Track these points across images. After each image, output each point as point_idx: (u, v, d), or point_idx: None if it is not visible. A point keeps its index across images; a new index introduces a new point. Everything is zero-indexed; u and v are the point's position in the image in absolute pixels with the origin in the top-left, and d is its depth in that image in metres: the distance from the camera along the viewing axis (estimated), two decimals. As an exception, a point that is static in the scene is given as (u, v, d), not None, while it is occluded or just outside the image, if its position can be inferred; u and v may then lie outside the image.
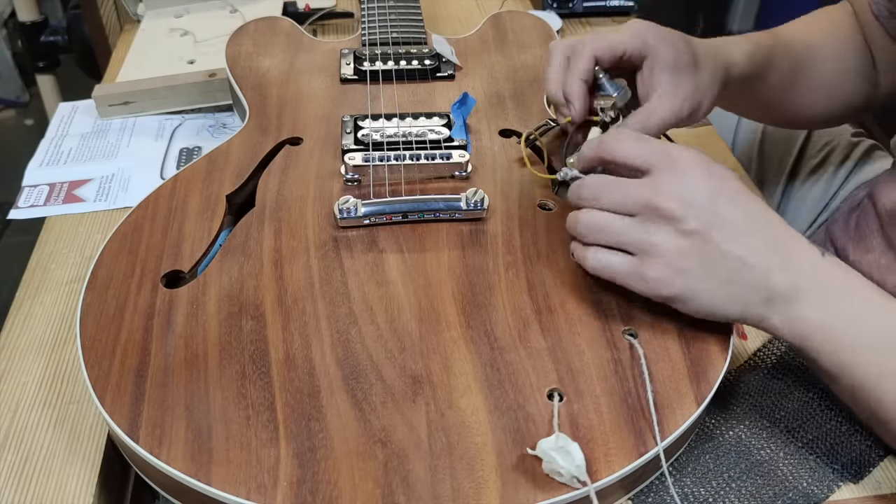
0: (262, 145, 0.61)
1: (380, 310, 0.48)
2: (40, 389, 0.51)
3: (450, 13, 0.96)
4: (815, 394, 0.51)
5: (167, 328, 0.47)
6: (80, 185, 0.68)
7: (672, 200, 0.44)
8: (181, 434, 0.42)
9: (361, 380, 0.44)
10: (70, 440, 0.48)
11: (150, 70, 0.78)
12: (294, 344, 0.46)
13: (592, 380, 0.45)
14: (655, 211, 0.44)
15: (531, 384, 0.45)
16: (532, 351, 0.46)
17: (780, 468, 0.47)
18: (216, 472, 0.40)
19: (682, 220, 0.44)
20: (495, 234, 0.54)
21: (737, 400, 0.51)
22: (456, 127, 0.60)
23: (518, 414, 0.43)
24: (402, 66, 0.70)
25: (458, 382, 0.45)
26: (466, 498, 0.40)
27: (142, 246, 0.52)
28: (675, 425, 0.43)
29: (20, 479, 0.46)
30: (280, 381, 0.44)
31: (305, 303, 0.48)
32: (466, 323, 0.48)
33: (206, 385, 0.44)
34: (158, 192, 0.57)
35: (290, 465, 0.40)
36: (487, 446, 0.42)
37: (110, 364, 0.45)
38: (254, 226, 0.54)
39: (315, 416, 0.43)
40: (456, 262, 0.52)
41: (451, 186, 0.58)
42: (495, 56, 0.74)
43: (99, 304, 0.48)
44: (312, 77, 0.70)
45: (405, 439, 0.42)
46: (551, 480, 0.40)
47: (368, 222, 0.54)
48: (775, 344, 0.54)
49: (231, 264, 0.51)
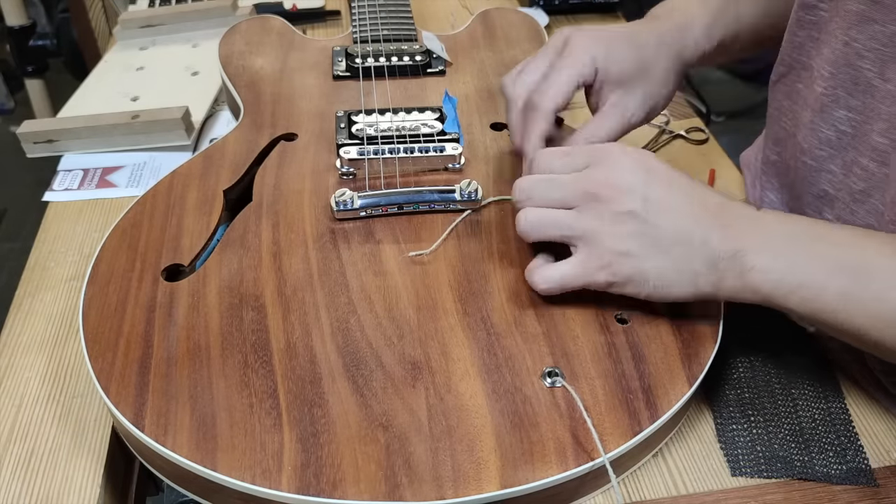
0: (257, 141, 0.62)
1: (378, 299, 0.49)
2: (44, 385, 0.52)
3: (437, 10, 0.97)
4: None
5: (169, 320, 0.48)
6: (113, 171, 0.70)
7: (605, 186, 0.46)
8: (186, 422, 0.42)
9: (362, 366, 0.45)
10: (75, 434, 0.49)
11: (91, 105, 0.77)
12: (295, 333, 0.47)
13: (587, 363, 0.46)
14: (592, 197, 0.46)
15: (527, 368, 0.46)
16: (528, 336, 0.47)
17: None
18: (221, 459, 0.41)
19: (617, 202, 0.45)
20: (489, 224, 0.55)
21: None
22: (448, 120, 0.61)
23: (515, 397, 0.44)
24: (394, 62, 0.71)
25: (456, 367, 0.46)
26: (467, 478, 0.41)
27: (141, 241, 0.53)
28: (667, 405, 0.45)
29: (27, 473, 0.47)
30: (282, 369, 0.45)
31: (305, 293, 0.49)
32: (463, 310, 0.49)
33: (209, 374, 0.45)
34: (156, 188, 0.58)
35: (294, 450, 0.41)
36: (486, 428, 0.43)
37: (114, 356, 0.46)
38: (252, 219, 0.55)
39: (317, 402, 0.44)
40: (451, 251, 0.53)
41: (444, 178, 0.59)
42: (485, 52, 0.75)
43: (101, 297, 0.49)
44: (305, 74, 0.71)
45: (406, 423, 0.43)
46: (549, 460, 0.42)
47: (365, 214, 0.55)
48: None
49: (230, 257, 0.52)
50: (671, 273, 0.45)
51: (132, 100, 0.78)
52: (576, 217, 0.46)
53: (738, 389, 0.51)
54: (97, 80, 0.82)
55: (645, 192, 0.45)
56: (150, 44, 0.88)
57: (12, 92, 1.77)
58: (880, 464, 0.48)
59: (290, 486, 0.40)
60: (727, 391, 0.51)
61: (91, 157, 0.72)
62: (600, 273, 0.46)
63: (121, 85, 0.80)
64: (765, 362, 0.53)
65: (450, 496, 0.40)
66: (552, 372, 0.45)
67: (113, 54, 0.87)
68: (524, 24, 0.79)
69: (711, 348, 0.48)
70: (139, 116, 0.71)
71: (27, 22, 1.43)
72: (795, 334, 0.55)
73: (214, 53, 0.74)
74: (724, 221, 0.45)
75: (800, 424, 0.49)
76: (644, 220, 0.45)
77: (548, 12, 0.96)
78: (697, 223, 0.45)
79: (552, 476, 0.41)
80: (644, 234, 0.45)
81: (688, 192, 0.46)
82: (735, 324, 0.55)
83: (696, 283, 0.45)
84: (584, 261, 0.47)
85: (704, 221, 0.45)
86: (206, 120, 0.75)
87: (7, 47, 1.50)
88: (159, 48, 0.88)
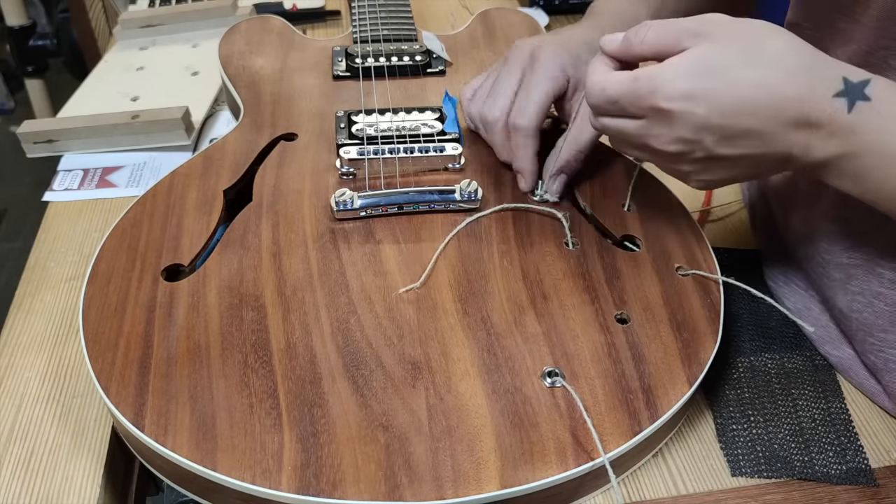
0: (257, 141, 0.62)
1: (378, 299, 0.49)
2: (44, 385, 0.52)
3: (437, 10, 0.97)
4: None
5: (169, 320, 0.48)
6: (113, 171, 0.70)
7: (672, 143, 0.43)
8: (186, 422, 0.42)
9: (362, 366, 0.45)
10: (75, 434, 0.49)
11: (91, 105, 0.77)
12: (295, 333, 0.47)
13: (587, 363, 0.46)
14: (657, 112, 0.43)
15: (527, 368, 0.46)
16: (528, 336, 0.47)
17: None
18: (221, 459, 0.41)
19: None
20: (489, 224, 0.55)
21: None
22: (448, 120, 0.61)
23: (515, 397, 0.44)
24: (394, 62, 0.71)
25: (456, 367, 0.46)
26: (467, 478, 0.41)
27: (141, 241, 0.53)
28: (667, 405, 0.45)
29: (27, 472, 0.47)
30: (282, 369, 0.45)
31: (305, 293, 0.49)
32: (463, 310, 0.49)
33: (209, 374, 0.45)
34: (156, 188, 0.58)
35: (294, 450, 0.41)
36: (486, 428, 0.43)
37: (114, 356, 0.46)
38: (252, 219, 0.55)
39: (317, 402, 0.44)
40: (451, 251, 0.53)
41: (444, 178, 0.59)
42: (485, 52, 0.75)
43: (101, 297, 0.49)
44: (305, 74, 0.71)
45: (406, 423, 0.43)
46: (549, 460, 0.42)
47: (365, 214, 0.55)
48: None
49: (230, 257, 0.52)
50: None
51: (132, 100, 0.78)
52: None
53: (738, 389, 0.51)
54: (97, 80, 0.82)
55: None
56: (150, 44, 0.88)
57: (12, 92, 1.77)
58: (880, 464, 0.48)
59: (290, 486, 0.40)
60: (727, 391, 0.51)
61: (91, 157, 0.72)
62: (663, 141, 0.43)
63: (121, 85, 0.80)
64: (765, 362, 0.53)
65: (450, 496, 0.40)
66: (552, 372, 0.45)
67: (113, 54, 0.87)
68: (524, 24, 0.79)
69: (711, 348, 0.48)
70: (139, 116, 0.71)
71: (27, 22, 1.43)
72: (795, 334, 0.55)
73: (214, 53, 0.74)
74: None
75: (800, 424, 0.49)
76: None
77: (548, 12, 0.96)
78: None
79: (552, 476, 0.41)
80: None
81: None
82: (735, 324, 0.55)
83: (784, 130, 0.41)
84: (648, 125, 0.43)
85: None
86: (206, 120, 0.75)
87: (7, 47, 1.50)
88: (159, 48, 0.88)
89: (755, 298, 0.53)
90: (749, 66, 0.40)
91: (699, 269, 0.52)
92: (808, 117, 0.40)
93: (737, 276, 0.52)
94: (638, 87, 0.42)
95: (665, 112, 0.42)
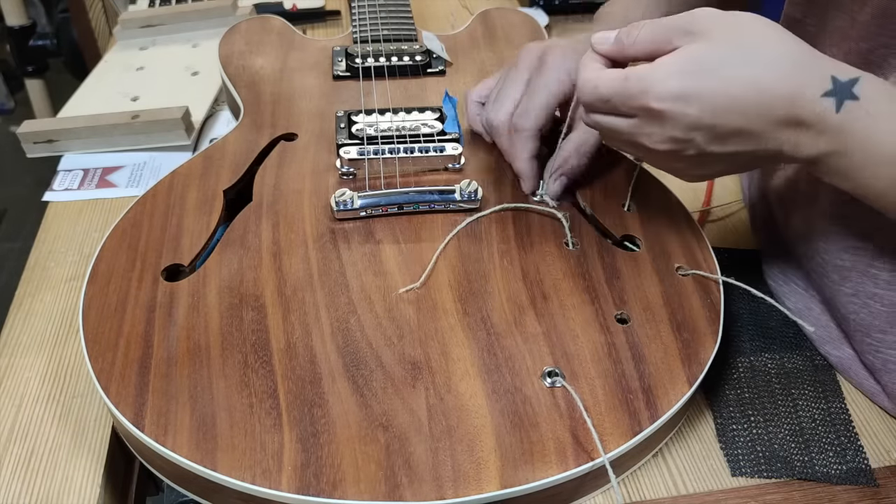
0: (257, 141, 0.62)
1: (378, 299, 0.49)
2: (44, 385, 0.52)
3: (437, 10, 0.97)
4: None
5: (169, 320, 0.48)
6: (113, 171, 0.70)
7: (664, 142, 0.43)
8: (186, 422, 0.42)
9: (362, 366, 0.45)
10: (75, 434, 0.49)
11: (91, 105, 0.77)
12: (295, 333, 0.47)
13: (587, 363, 0.46)
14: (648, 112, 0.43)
15: (527, 368, 0.46)
16: (528, 336, 0.47)
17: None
18: (221, 459, 0.41)
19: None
20: (489, 224, 0.55)
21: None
22: (448, 120, 0.61)
23: (515, 397, 0.44)
24: (394, 62, 0.71)
25: (456, 367, 0.46)
26: (467, 478, 0.41)
27: (141, 241, 0.53)
28: (667, 406, 0.45)
29: (27, 472, 0.47)
30: (282, 369, 0.45)
31: (305, 293, 0.49)
32: (463, 310, 0.49)
33: (209, 374, 0.45)
34: (156, 188, 0.58)
35: (294, 450, 0.41)
36: (486, 428, 0.43)
37: (114, 356, 0.46)
38: (252, 219, 0.55)
39: (317, 402, 0.44)
40: (451, 251, 0.53)
41: (444, 178, 0.59)
42: (485, 52, 0.75)
43: (101, 297, 0.49)
44: (305, 74, 0.71)
45: (406, 423, 0.43)
46: (549, 460, 0.42)
47: (365, 214, 0.55)
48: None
49: (230, 257, 0.52)
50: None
51: (132, 100, 0.78)
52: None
53: (738, 389, 0.51)
54: (97, 80, 0.82)
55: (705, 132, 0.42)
56: (150, 44, 0.88)
57: (12, 92, 1.77)
58: (880, 464, 0.48)
59: (290, 486, 0.40)
60: (727, 391, 0.51)
61: (91, 157, 0.72)
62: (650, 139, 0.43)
63: (121, 85, 0.80)
64: (765, 362, 0.53)
65: (450, 496, 0.40)
66: (552, 372, 0.45)
67: (113, 54, 0.87)
68: (524, 24, 0.79)
69: (711, 348, 0.48)
70: (139, 116, 0.71)
71: (27, 22, 1.43)
72: (795, 334, 0.55)
73: (214, 53, 0.74)
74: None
75: (800, 424, 0.49)
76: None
77: (548, 12, 0.96)
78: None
79: (552, 476, 0.41)
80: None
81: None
82: (735, 324, 0.55)
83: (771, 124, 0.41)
84: (639, 125, 0.43)
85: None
86: (206, 120, 0.75)
87: (7, 47, 1.50)
88: (159, 48, 0.88)
89: (755, 298, 0.53)
90: (740, 65, 0.40)
91: (699, 269, 0.52)
92: (797, 117, 0.40)
93: (737, 275, 0.52)
94: (629, 86, 0.42)
95: (656, 112, 0.42)
